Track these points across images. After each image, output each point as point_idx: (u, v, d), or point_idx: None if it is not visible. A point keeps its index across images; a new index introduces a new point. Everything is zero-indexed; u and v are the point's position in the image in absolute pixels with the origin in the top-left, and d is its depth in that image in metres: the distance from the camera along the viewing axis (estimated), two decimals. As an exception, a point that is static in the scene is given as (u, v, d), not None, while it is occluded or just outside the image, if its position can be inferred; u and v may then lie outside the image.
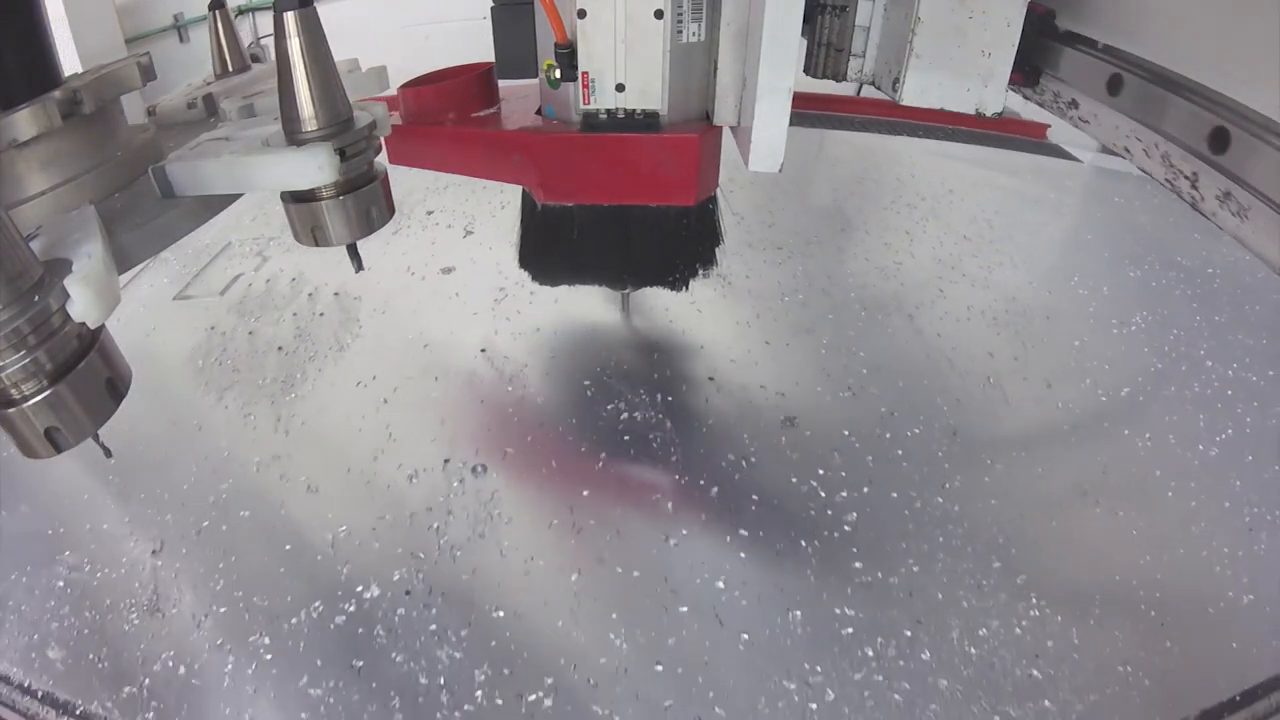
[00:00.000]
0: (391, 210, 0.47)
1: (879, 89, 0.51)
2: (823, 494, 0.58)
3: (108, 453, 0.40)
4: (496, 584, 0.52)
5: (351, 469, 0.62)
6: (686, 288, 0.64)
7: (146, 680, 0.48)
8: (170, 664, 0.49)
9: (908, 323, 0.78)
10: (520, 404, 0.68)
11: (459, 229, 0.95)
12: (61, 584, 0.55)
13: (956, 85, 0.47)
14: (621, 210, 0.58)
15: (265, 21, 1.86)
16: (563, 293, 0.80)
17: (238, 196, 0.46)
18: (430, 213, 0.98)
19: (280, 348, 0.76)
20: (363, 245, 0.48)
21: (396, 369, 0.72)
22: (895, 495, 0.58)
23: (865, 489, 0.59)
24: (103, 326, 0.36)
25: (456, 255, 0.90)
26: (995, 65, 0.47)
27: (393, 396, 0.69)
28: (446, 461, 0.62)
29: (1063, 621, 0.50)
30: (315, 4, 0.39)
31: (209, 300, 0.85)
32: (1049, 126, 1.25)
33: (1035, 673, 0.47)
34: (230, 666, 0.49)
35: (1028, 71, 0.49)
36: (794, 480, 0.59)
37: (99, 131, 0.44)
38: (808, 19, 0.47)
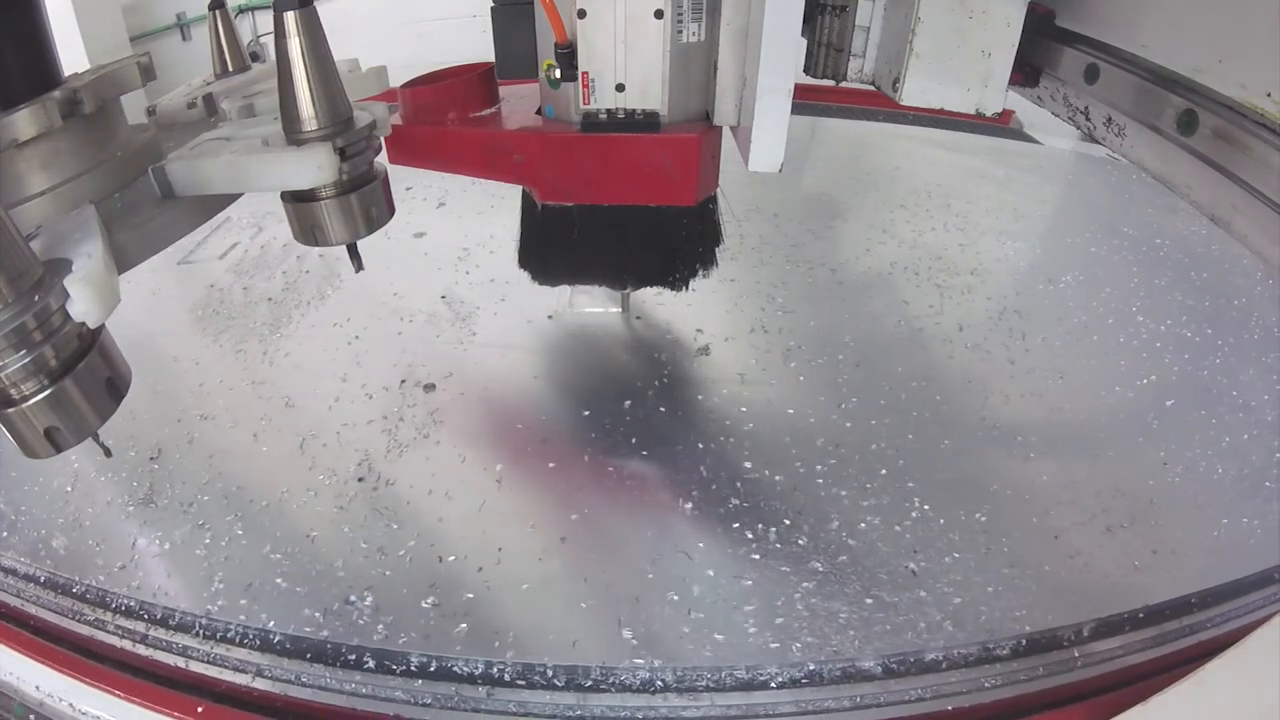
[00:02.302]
0: (391, 210, 0.49)
1: (879, 89, 0.55)
2: (723, 408, 0.70)
3: (107, 452, 0.42)
4: (432, 474, 0.66)
5: (323, 389, 0.77)
6: (687, 288, 0.69)
7: (135, 556, 0.61)
8: (157, 542, 0.62)
9: (829, 275, 0.90)
10: (470, 338, 0.83)
11: (433, 201, 1.14)
12: (69, 489, 0.69)
13: (956, 85, 0.50)
14: (621, 210, 0.61)
15: (264, 20, 2.07)
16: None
17: (238, 196, 0.49)
18: (409, 188, 1.17)
19: (270, 299, 0.93)
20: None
21: (368, 312, 0.89)
22: (792, 412, 0.70)
23: (763, 405, 0.70)
24: (103, 326, 0.37)
25: (429, 223, 1.08)
26: (995, 65, 0.49)
27: (363, 333, 0.85)
28: (403, 381, 0.77)
29: (945, 524, 0.59)
30: (315, 3, 0.41)
31: (209, 264, 1.03)
32: (1013, 112, 1.38)
33: (912, 566, 0.55)
34: (208, 540, 0.62)
35: (1028, 71, 0.53)
36: (700, 398, 0.72)
37: (99, 131, 0.46)
38: (808, 19, 0.50)
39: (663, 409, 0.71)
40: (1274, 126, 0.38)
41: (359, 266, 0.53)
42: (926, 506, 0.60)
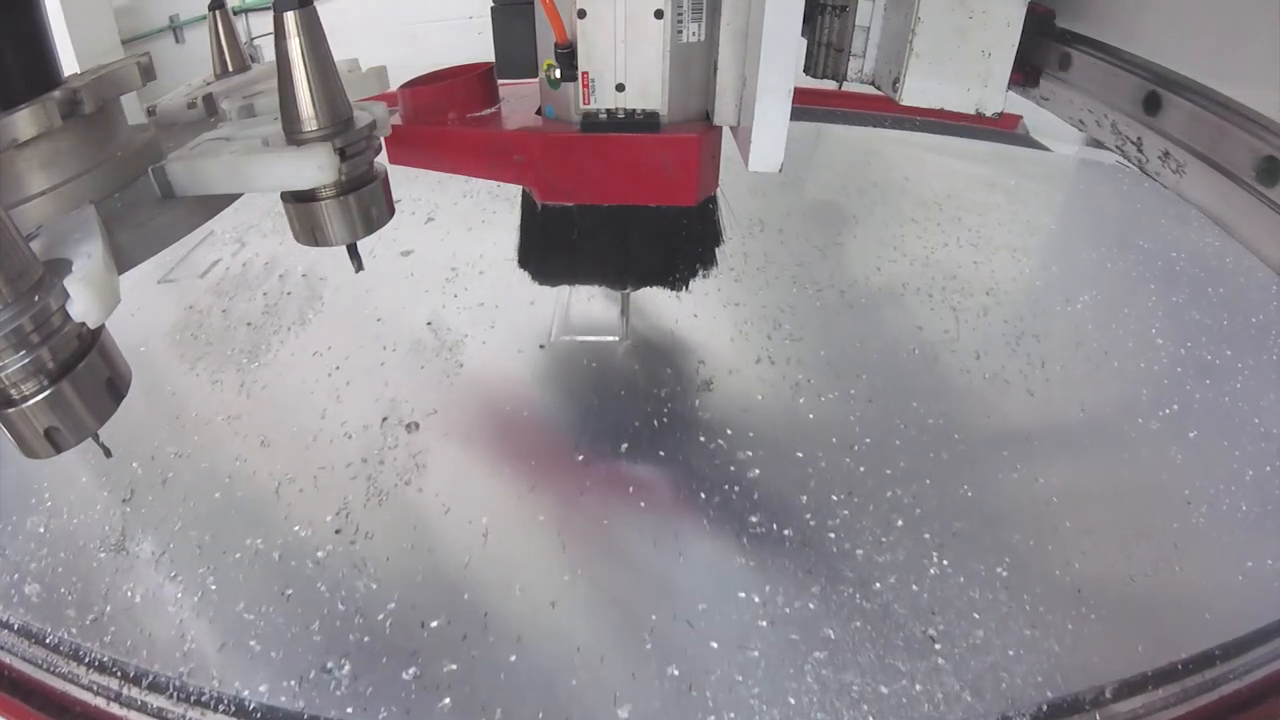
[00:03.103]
0: (391, 210, 0.47)
1: (879, 89, 0.53)
2: (727, 452, 0.63)
3: (107, 452, 0.41)
4: (413, 526, 0.59)
5: (300, 426, 0.70)
6: (687, 288, 0.66)
7: (108, 608, 0.56)
8: (129, 594, 0.57)
9: (838, 298, 0.82)
10: (456, 369, 0.76)
11: (421, 216, 1.05)
12: (42, 530, 0.63)
13: (956, 85, 0.48)
14: (621, 210, 0.59)
15: (258, 22, 1.96)
16: (510, 274, 0.86)
17: (237, 196, 0.47)
18: (397, 201, 1.07)
19: (249, 323, 0.86)
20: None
21: (350, 340, 0.81)
22: (801, 455, 0.63)
23: (770, 448, 0.63)
24: (103, 326, 0.37)
25: (416, 240, 0.99)
26: (995, 65, 0.48)
27: (344, 364, 0.78)
28: (384, 419, 0.70)
29: (964, 582, 0.53)
30: (314, 3, 0.39)
31: (190, 283, 0.95)
32: (1020, 117, 1.28)
33: (930, 631, 0.50)
34: (180, 594, 0.56)
35: (1027, 71, 0.50)
36: (702, 439, 0.65)
37: (99, 131, 0.45)
38: (808, 19, 0.48)
39: (662, 453, 0.64)
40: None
41: (359, 267, 0.51)
42: (945, 561, 0.54)
